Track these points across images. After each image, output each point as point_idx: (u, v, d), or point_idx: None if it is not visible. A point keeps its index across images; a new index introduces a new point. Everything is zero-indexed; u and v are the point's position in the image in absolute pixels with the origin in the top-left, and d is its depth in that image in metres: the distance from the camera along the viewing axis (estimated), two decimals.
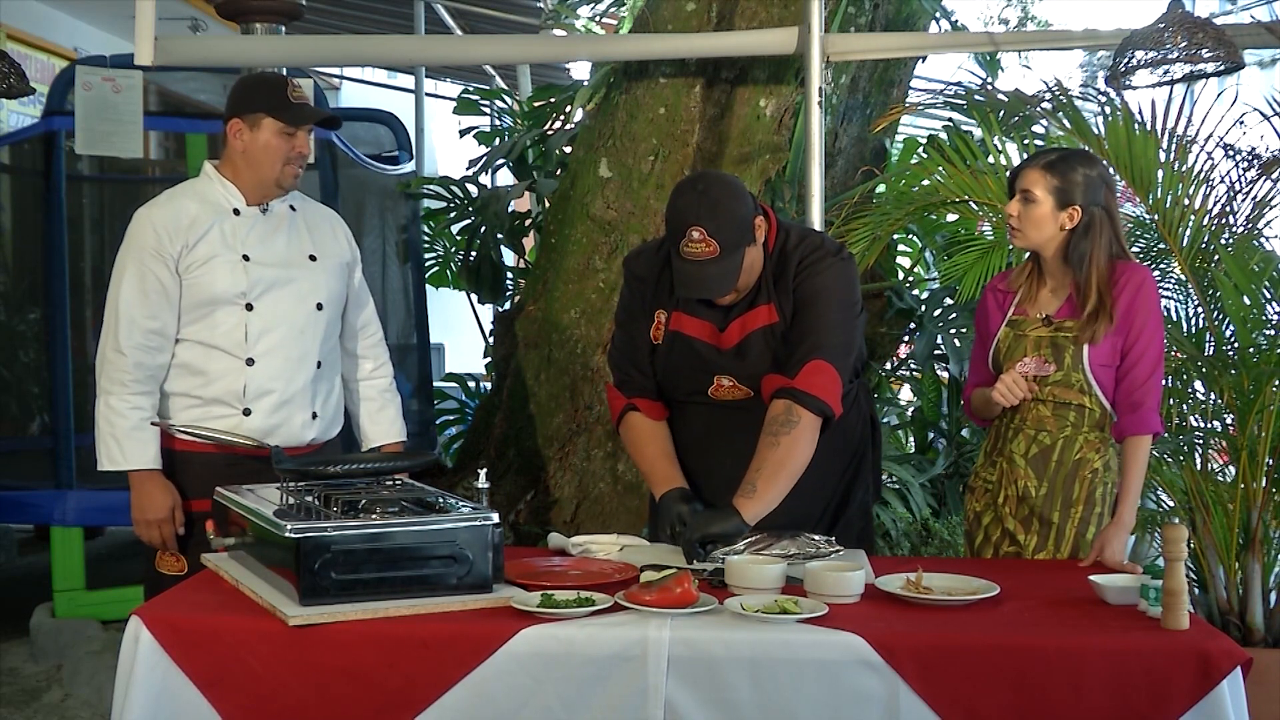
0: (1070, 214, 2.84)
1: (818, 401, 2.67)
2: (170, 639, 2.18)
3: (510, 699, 2.13)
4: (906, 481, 4.80)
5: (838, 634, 2.14)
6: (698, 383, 2.84)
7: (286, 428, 2.96)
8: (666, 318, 2.84)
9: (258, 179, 2.95)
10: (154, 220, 2.91)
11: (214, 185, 2.97)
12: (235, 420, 2.91)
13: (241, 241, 2.94)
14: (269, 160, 2.92)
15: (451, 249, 6.54)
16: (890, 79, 5.19)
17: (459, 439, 5.90)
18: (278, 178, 2.95)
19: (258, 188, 2.96)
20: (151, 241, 2.88)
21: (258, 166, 2.93)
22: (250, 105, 2.92)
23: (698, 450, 2.89)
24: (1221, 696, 2.06)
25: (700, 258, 2.61)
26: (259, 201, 2.98)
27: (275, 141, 2.91)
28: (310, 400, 3.01)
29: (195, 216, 2.91)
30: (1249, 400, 3.52)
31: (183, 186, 3.01)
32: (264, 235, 2.98)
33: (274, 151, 2.92)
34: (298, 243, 3.03)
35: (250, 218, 2.97)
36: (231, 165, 2.97)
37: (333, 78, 11.59)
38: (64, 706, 4.48)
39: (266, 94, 2.93)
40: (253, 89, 2.98)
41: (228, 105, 2.97)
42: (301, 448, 2.99)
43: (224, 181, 2.97)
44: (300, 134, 2.94)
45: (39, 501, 5.17)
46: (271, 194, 2.99)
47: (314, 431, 3.03)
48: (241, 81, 3.06)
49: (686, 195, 2.64)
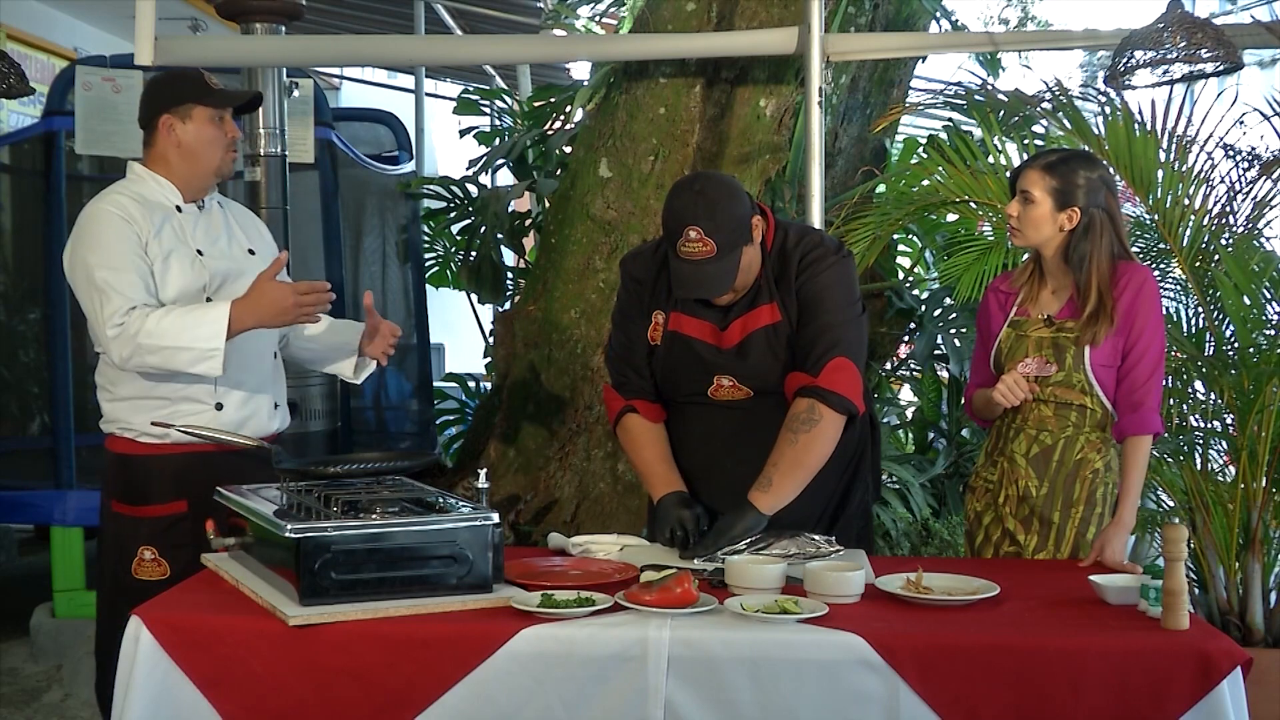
0: (1069, 215, 2.84)
1: (841, 399, 2.69)
2: (170, 639, 2.18)
3: (510, 699, 2.13)
4: (906, 481, 4.80)
5: (838, 634, 2.14)
6: (697, 383, 2.83)
7: (255, 419, 2.95)
8: (665, 318, 2.84)
9: (196, 171, 2.90)
10: (118, 203, 2.82)
11: (149, 184, 2.90)
12: (209, 415, 2.86)
13: (191, 237, 2.89)
14: (208, 149, 2.88)
15: (451, 249, 6.54)
16: (890, 79, 5.18)
17: (459, 439, 5.90)
18: (218, 166, 2.91)
19: (195, 181, 2.91)
20: (121, 218, 2.78)
21: (196, 158, 2.88)
22: (177, 98, 2.87)
23: (697, 451, 2.89)
24: (1221, 696, 2.06)
25: (697, 257, 2.61)
26: (194, 198, 2.93)
27: (209, 129, 2.88)
28: (272, 391, 3.02)
29: (147, 213, 2.84)
30: (1249, 400, 3.52)
31: (116, 187, 2.90)
32: (208, 230, 2.94)
33: (212, 140, 2.88)
34: (237, 238, 3.01)
35: (192, 215, 2.92)
36: (165, 163, 2.90)
37: (333, 78, 11.59)
38: (64, 706, 4.48)
39: (190, 84, 2.90)
40: (174, 82, 2.93)
41: (147, 104, 2.91)
42: (268, 437, 2.95)
43: (158, 179, 2.90)
44: (229, 119, 2.92)
45: (39, 501, 5.18)
46: (208, 186, 2.94)
47: (277, 421, 3.04)
48: (157, 78, 2.99)
49: (683, 195, 2.65)
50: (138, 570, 2.90)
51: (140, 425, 2.86)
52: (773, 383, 2.78)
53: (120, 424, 2.90)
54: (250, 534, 2.45)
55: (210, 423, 2.85)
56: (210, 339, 2.68)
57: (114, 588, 2.96)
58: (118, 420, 2.90)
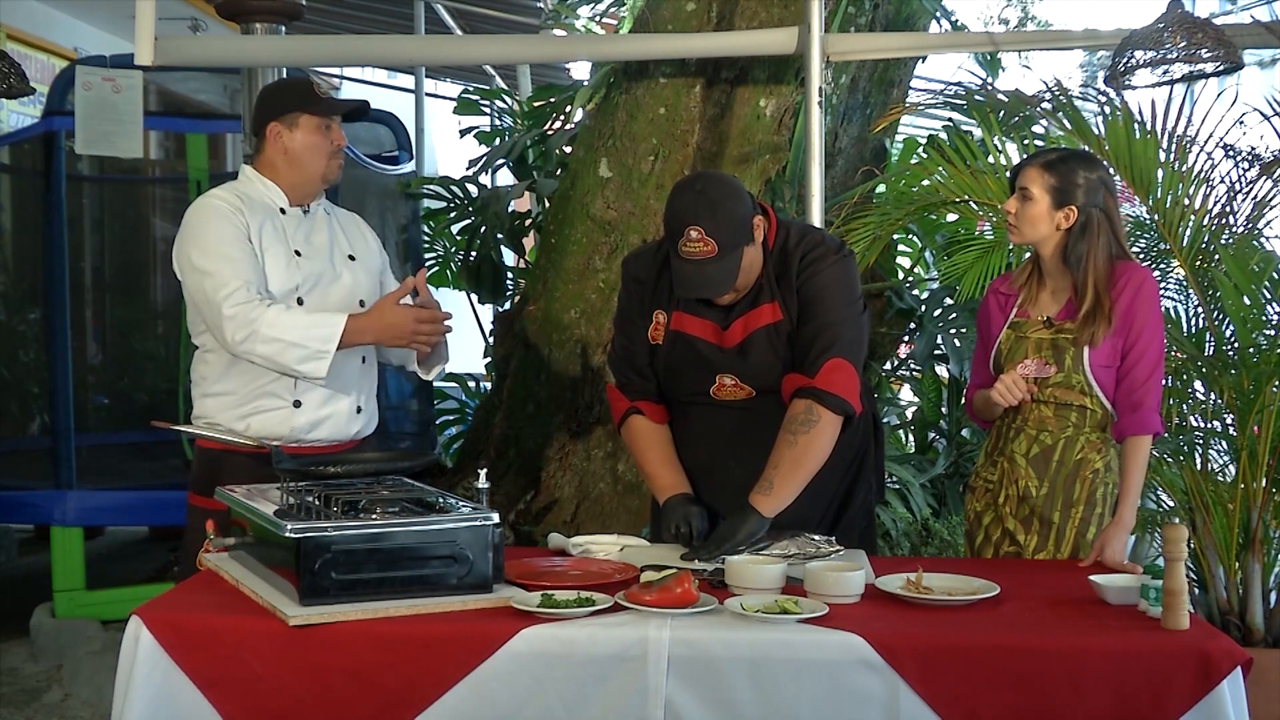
0: (1066, 214, 2.85)
1: (838, 400, 2.69)
2: (170, 639, 2.18)
3: (510, 699, 2.13)
4: (907, 481, 4.80)
5: (838, 634, 2.14)
6: (699, 382, 2.84)
7: (333, 420, 2.98)
8: (667, 318, 2.84)
9: (303, 177, 2.99)
10: (223, 198, 2.92)
11: (256, 185, 3.00)
12: (285, 413, 2.91)
13: (290, 238, 2.96)
14: (313, 156, 2.97)
15: (451, 249, 6.54)
16: (890, 79, 5.19)
17: (459, 439, 5.90)
18: (324, 172, 3.00)
19: (301, 186, 3.00)
20: (226, 210, 2.88)
21: (302, 165, 2.97)
22: (284, 107, 2.97)
23: (700, 450, 2.89)
24: (1221, 696, 2.06)
25: (699, 257, 2.62)
26: (300, 201, 3.02)
27: (315, 137, 2.97)
28: (356, 394, 3.04)
29: (249, 209, 2.92)
30: (1249, 400, 3.52)
31: (222, 186, 3.02)
32: (309, 233, 3.01)
33: (317, 147, 2.97)
34: (338, 242, 3.07)
35: (295, 217, 3.01)
36: (272, 168, 3.00)
37: (333, 78, 11.59)
38: (64, 706, 4.48)
39: (297, 93, 3.00)
40: (281, 92, 3.05)
41: (258, 112, 3.01)
42: (346, 441, 3.02)
43: (265, 182, 3.00)
44: (335, 126, 3.00)
45: (39, 501, 5.18)
46: (315, 191, 3.03)
47: (358, 424, 3.06)
48: (267, 88, 3.13)
49: (685, 195, 2.65)
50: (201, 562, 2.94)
51: (226, 422, 2.92)
52: (774, 382, 2.78)
53: (207, 419, 2.96)
54: (250, 534, 2.45)
55: (284, 420, 2.91)
56: (325, 340, 2.77)
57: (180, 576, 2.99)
58: (205, 416, 2.96)
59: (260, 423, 2.90)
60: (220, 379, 2.93)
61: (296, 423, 2.92)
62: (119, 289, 6.20)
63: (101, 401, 5.86)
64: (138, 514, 5.43)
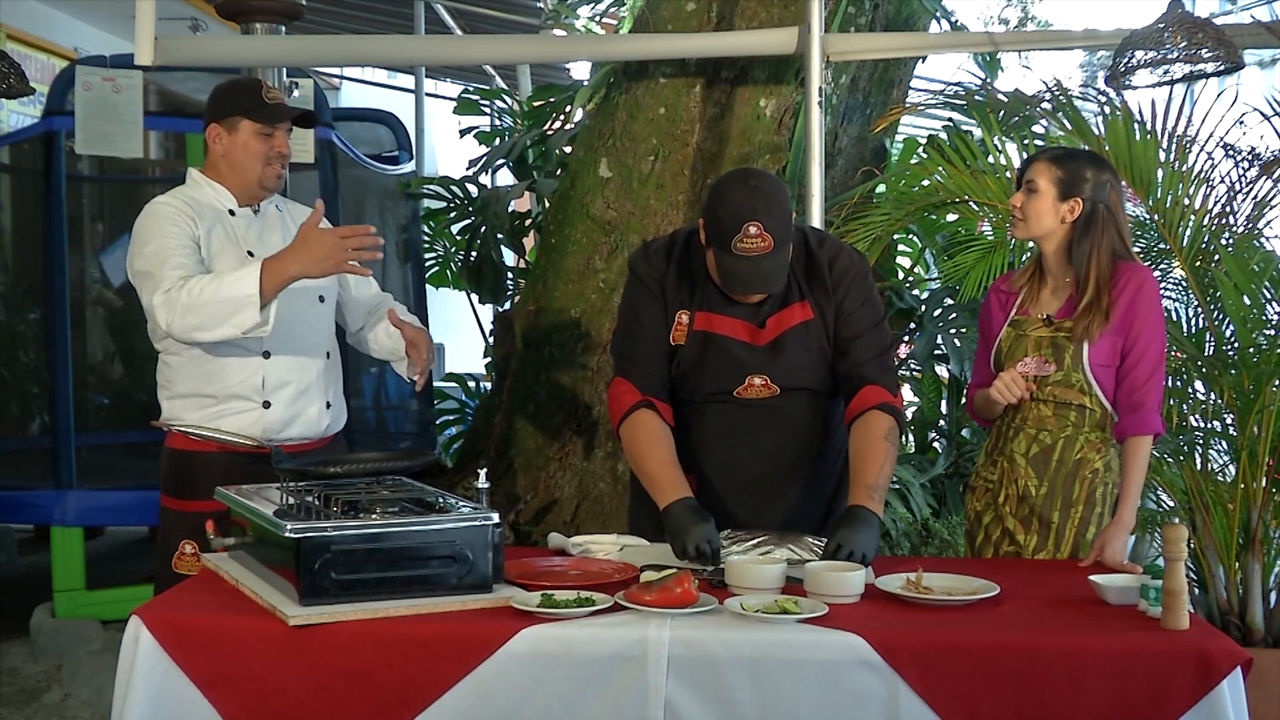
0: (1071, 206, 2.85)
1: (904, 417, 2.82)
2: (170, 639, 2.18)
3: (510, 699, 2.13)
4: (906, 481, 4.80)
5: (838, 634, 2.14)
6: (726, 382, 2.79)
7: (304, 418, 2.99)
8: (690, 318, 2.80)
9: (242, 181, 2.98)
10: (169, 203, 2.91)
11: (204, 188, 3.00)
12: (256, 414, 2.92)
13: (242, 238, 2.97)
14: (249, 162, 2.96)
15: (451, 249, 6.54)
16: (890, 79, 5.18)
17: (459, 439, 5.90)
18: (260, 178, 2.98)
19: (243, 189, 3.00)
20: (172, 214, 2.87)
21: (240, 169, 2.97)
22: (226, 109, 2.96)
23: (717, 450, 2.84)
24: (1221, 696, 2.06)
25: (756, 253, 2.59)
26: (248, 203, 3.02)
27: (254, 143, 2.95)
28: (324, 390, 3.05)
29: (197, 214, 2.92)
30: (1249, 400, 3.52)
31: (174, 191, 3.01)
32: (261, 232, 3.01)
33: (253, 153, 2.95)
34: (292, 238, 3.04)
35: (245, 217, 3.01)
36: (215, 169, 3.00)
37: (333, 78, 11.59)
38: (64, 706, 4.48)
39: (241, 96, 2.97)
40: (227, 93, 3.01)
41: (205, 111, 3.00)
42: (315, 440, 3.03)
43: (212, 184, 3.00)
44: (279, 134, 2.98)
45: (39, 501, 5.17)
46: (256, 195, 3.02)
47: (328, 420, 3.07)
48: (217, 87, 3.09)
49: (739, 191, 2.61)
50: (178, 564, 2.96)
51: (194, 422, 2.92)
52: (802, 381, 2.79)
53: (176, 421, 2.96)
54: (250, 534, 2.45)
55: (255, 421, 2.91)
56: (245, 287, 2.68)
57: (160, 580, 3.02)
58: (174, 417, 2.97)
59: (232, 425, 2.91)
60: (184, 380, 2.94)
61: (269, 422, 2.93)
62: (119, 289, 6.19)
63: (101, 401, 5.85)
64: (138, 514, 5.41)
